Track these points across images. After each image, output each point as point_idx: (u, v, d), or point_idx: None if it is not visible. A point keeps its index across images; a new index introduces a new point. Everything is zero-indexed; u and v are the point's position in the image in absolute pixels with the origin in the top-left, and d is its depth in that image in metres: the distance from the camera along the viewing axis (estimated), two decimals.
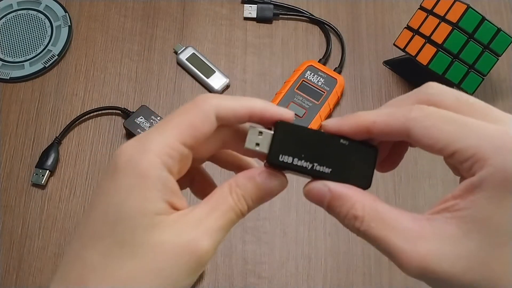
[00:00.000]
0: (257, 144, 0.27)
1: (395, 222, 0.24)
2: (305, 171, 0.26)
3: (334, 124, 0.27)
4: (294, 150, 0.26)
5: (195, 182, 0.32)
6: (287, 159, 0.26)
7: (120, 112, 0.62)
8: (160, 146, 0.25)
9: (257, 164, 0.31)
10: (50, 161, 0.59)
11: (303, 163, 0.26)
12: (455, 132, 0.23)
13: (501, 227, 0.22)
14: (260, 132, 0.27)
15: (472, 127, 0.23)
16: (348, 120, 0.26)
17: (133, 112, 0.61)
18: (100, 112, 0.62)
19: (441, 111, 0.24)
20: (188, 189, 0.32)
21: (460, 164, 0.23)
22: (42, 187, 0.58)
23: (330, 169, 0.26)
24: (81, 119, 0.61)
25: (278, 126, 0.27)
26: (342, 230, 0.57)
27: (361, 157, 0.27)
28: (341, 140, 0.27)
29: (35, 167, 0.59)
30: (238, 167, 0.31)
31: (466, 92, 0.58)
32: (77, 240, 0.25)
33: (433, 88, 0.26)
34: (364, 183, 0.26)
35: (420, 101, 0.25)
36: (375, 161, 0.27)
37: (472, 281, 0.22)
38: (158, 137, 0.25)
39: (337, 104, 0.63)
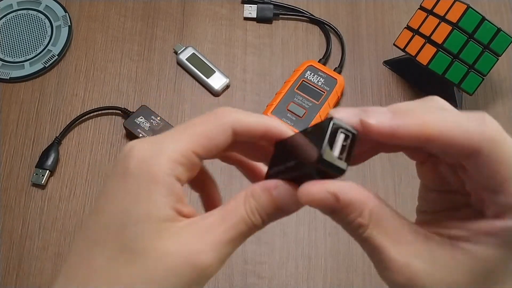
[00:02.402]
0: None
1: (396, 234, 0.24)
2: (281, 174, 0.26)
3: (384, 124, 0.22)
4: (278, 161, 0.27)
5: (195, 178, 0.31)
6: (273, 170, 0.27)
7: (120, 112, 0.62)
8: (173, 153, 0.24)
9: (262, 165, 0.31)
10: (50, 161, 0.59)
11: (280, 168, 0.26)
12: None
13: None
14: None
15: None
16: (406, 124, 0.22)
17: (133, 112, 0.61)
18: (100, 112, 0.62)
19: None
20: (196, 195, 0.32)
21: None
22: (42, 187, 0.58)
23: (294, 162, 0.25)
24: (81, 119, 0.61)
25: (275, 146, 0.27)
26: (342, 230, 0.57)
27: (320, 134, 0.23)
28: (308, 129, 0.25)
29: (35, 167, 0.59)
30: (240, 163, 0.31)
31: (466, 92, 0.58)
32: (82, 240, 0.25)
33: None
34: (319, 157, 0.22)
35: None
36: (328, 130, 0.23)
37: None
38: (172, 142, 0.25)
39: (337, 104, 0.63)
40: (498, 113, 0.63)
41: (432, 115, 0.22)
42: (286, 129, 0.27)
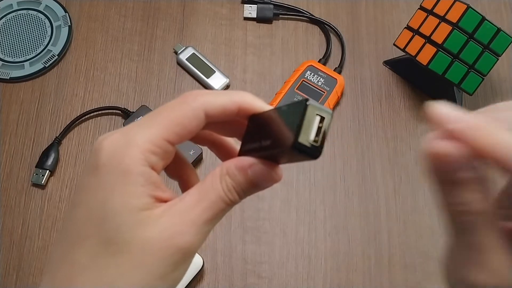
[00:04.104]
0: None
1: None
2: (256, 151, 0.25)
3: (464, 131, 0.21)
4: (253, 137, 0.26)
5: (171, 165, 0.29)
6: (247, 147, 0.27)
7: (120, 112, 0.62)
8: (144, 142, 0.24)
9: (234, 142, 0.30)
10: (50, 161, 0.59)
11: (255, 145, 0.26)
12: None
13: None
14: None
15: None
16: (488, 136, 0.21)
17: (133, 112, 0.61)
18: (100, 112, 0.62)
19: None
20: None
21: None
22: (42, 187, 0.58)
23: (269, 141, 0.24)
24: (81, 119, 0.61)
25: (248, 121, 0.27)
26: (342, 230, 0.57)
27: (296, 115, 0.23)
28: (283, 108, 0.25)
29: (35, 167, 0.59)
30: (212, 143, 0.30)
31: (466, 92, 0.58)
32: (63, 239, 0.25)
33: None
34: (295, 141, 0.22)
35: None
36: (304, 113, 0.22)
37: None
38: (142, 132, 0.24)
39: (337, 104, 0.63)
40: None
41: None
42: (260, 103, 0.27)
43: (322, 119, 0.23)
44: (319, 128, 0.23)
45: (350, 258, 0.56)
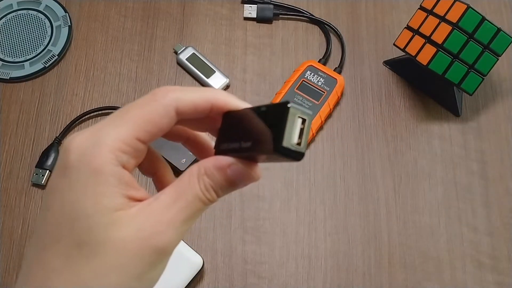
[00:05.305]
0: None
1: None
2: (236, 151, 0.25)
3: None
4: (230, 136, 0.26)
5: (144, 162, 0.28)
6: (225, 146, 0.26)
7: None
8: (114, 141, 0.23)
9: (208, 137, 0.30)
10: (50, 161, 0.59)
11: (234, 145, 0.25)
12: None
13: None
14: None
15: None
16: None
17: None
18: (100, 112, 0.62)
19: None
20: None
21: None
22: (42, 187, 0.58)
23: (250, 142, 0.24)
24: (81, 119, 0.61)
25: (223, 118, 0.27)
26: (342, 230, 0.57)
27: (277, 118, 0.23)
28: (262, 108, 0.24)
29: (35, 167, 0.59)
30: (186, 139, 0.30)
31: (466, 92, 0.58)
32: (36, 242, 0.24)
33: None
34: (280, 145, 0.22)
35: None
36: (286, 116, 0.22)
37: None
38: (112, 131, 0.24)
39: (337, 104, 0.63)
40: (498, 113, 0.63)
41: None
42: (234, 100, 0.26)
43: (303, 121, 0.23)
44: (301, 130, 0.23)
45: (350, 258, 0.56)
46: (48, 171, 0.58)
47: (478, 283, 0.55)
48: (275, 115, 0.23)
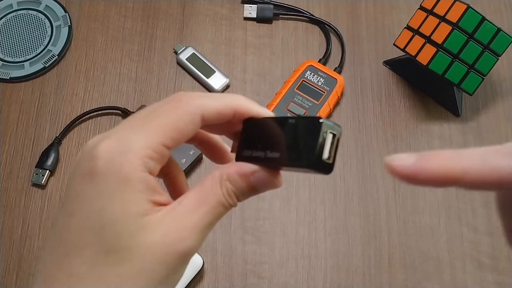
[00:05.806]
0: None
1: None
2: (260, 160, 0.26)
3: (407, 167, 0.22)
4: (253, 143, 0.26)
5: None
6: (247, 153, 0.27)
7: (120, 112, 0.62)
8: (142, 149, 0.24)
9: (221, 140, 0.31)
10: (50, 161, 0.59)
11: (259, 154, 0.26)
12: None
13: None
14: None
15: None
16: (428, 166, 0.22)
17: (133, 112, 0.61)
18: (100, 112, 0.62)
19: None
20: None
21: None
22: (42, 187, 0.58)
23: (278, 154, 0.25)
24: (81, 119, 0.61)
25: (244, 124, 0.27)
26: (342, 230, 0.57)
27: (307, 132, 0.24)
28: (289, 120, 0.25)
29: (35, 167, 0.59)
30: (200, 141, 0.30)
31: (466, 92, 0.58)
32: (56, 247, 0.24)
33: None
34: (312, 160, 0.23)
35: None
36: (319, 132, 0.23)
37: None
38: (139, 138, 0.24)
39: (337, 104, 0.63)
40: (498, 113, 0.63)
41: (461, 156, 0.22)
42: (256, 107, 0.27)
43: (333, 135, 0.24)
44: (331, 144, 0.24)
45: (350, 258, 0.56)
46: (48, 171, 0.58)
47: (478, 283, 0.55)
48: (305, 129, 0.24)
